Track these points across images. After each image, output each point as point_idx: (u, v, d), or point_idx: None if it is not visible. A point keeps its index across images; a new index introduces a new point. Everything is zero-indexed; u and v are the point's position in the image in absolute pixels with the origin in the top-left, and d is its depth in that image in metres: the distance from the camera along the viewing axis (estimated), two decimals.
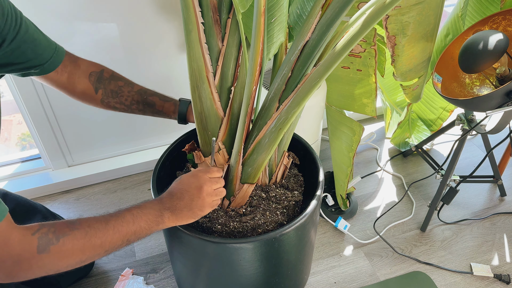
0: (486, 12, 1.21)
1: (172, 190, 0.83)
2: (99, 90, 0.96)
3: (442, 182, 1.38)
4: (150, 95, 1.00)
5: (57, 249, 0.67)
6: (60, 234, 0.67)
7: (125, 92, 0.97)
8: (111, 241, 0.73)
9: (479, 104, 1.11)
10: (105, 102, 0.98)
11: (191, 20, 0.83)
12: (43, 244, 0.65)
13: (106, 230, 0.72)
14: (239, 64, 0.92)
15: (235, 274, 0.97)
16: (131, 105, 0.99)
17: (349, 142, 1.26)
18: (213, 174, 0.85)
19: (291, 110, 0.83)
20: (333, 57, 0.74)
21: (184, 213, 0.81)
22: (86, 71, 0.95)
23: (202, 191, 0.81)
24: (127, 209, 0.78)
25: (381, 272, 1.30)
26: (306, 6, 0.93)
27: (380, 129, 1.91)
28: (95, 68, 0.97)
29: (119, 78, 0.99)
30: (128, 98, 0.98)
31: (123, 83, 0.98)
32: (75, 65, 0.93)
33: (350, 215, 1.48)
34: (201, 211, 0.82)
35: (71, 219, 0.72)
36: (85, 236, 0.70)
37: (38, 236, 0.65)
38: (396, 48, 1.06)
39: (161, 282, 1.28)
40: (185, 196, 0.81)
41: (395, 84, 1.61)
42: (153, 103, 1.00)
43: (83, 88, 0.95)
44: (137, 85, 1.01)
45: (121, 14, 1.31)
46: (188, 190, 0.81)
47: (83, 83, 0.95)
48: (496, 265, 1.32)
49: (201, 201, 0.82)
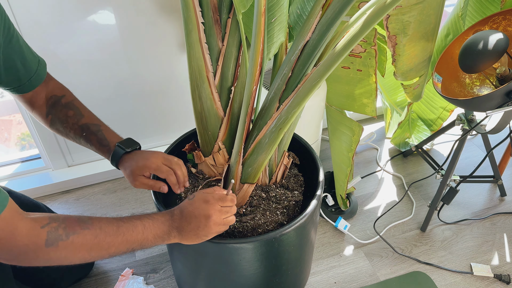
0: (486, 12, 1.21)
1: (183, 209, 0.82)
2: (50, 115, 0.95)
3: (442, 182, 1.37)
4: (91, 133, 0.95)
5: (65, 245, 0.67)
6: (71, 232, 0.67)
7: (69, 123, 0.95)
8: (117, 247, 0.73)
9: (479, 104, 1.11)
10: (54, 127, 0.96)
11: (191, 20, 0.83)
12: (51, 239, 0.65)
13: (116, 236, 0.72)
14: (239, 64, 0.92)
15: (235, 274, 0.97)
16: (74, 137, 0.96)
17: (349, 142, 1.26)
18: (226, 203, 0.83)
19: (291, 110, 0.83)
20: (333, 57, 0.74)
21: (190, 236, 0.81)
22: (49, 93, 0.95)
23: (210, 221, 0.80)
24: (140, 218, 0.78)
25: (381, 272, 1.30)
26: (307, 6, 0.93)
27: (380, 129, 1.91)
28: (58, 92, 0.96)
29: (71, 108, 0.96)
30: (71, 130, 0.95)
31: (73, 113, 0.95)
32: (45, 86, 0.94)
33: (350, 215, 1.48)
34: (206, 237, 0.82)
35: (82, 217, 0.72)
36: (95, 238, 0.70)
37: (48, 230, 0.65)
38: (397, 48, 1.06)
39: (161, 282, 1.28)
40: (192, 221, 0.80)
41: (395, 84, 1.61)
42: (90, 141, 0.96)
43: (39, 109, 0.94)
44: (87, 118, 0.96)
45: (121, 14, 1.31)
46: (197, 216, 0.80)
47: (41, 104, 0.94)
48: (496, 265, 1.32)
49: (207, 230, 0.81)
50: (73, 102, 0.97)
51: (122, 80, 1.45)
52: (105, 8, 1.29)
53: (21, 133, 1.99)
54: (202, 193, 0.83)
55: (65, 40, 1.30)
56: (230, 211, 0.84)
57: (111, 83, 1.45)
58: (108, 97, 1.47)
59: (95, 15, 1.29)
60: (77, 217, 0.71)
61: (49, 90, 0.95)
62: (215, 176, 1.04)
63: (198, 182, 1.04)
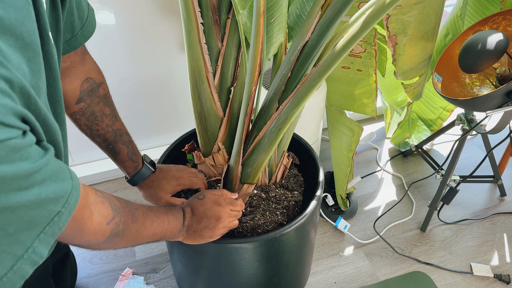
0: (486, 12, 1.21)
1: (194, 209, 0.81)
2: (82, 103, 0.79)
3: (442, 182, 1.37)
4: (123, 143, 0.88)
5: (117, 240, 0.66)
6: (126, 227, 0.66)
7: (103, 124, 0.83)
8: (145, 240, 0.73)
9: (479, 104, 1.11)
10: (77, 117, 0.81)
11: (191, 20, 0.82)
12: (112, 235, 0.63)
13: (149, 230, 0.72)
14: (239, 64, 0.92)
15: (235, 274, 0.97)
16: (97, 138, 0.85)
17: (348, 142, 1.26)
18: (236, 208, 0.85)
19: (290, 110, 0.83)
20: (333, 57, 0.74)
21: (195, 236, 0.81)
22: (86, 72, 0.79)
23: (219, 223, 0.81)
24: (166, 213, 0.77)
25: (381, 272, 1.30)
26: (306, 6, 0.93)
27: (380, 129, 1.91)
28: (95, 75, 0.81)
29: (109, 104, 0.84)
30: (101, 131, 0.84)
31: (109, 113, 0.84)
32: (82, 59, 0.77)
33: (350, 215, 1.48)
34: (210, 238, 0.83)
35: (131, 206, 0.70)
36: (137, 232, 0.69)
37: (112, 227, 0.63)
38: (397, 47, 1.06)
39: (161, 282, 1.28)
40: (202, 221, 0.80)
41: (395, 84, 1.61)
42: (119, 152, 0.88)
43: (67, 89, 0.77)
44: (119, 122, 0.87)
45: (121, 14, 1.31)
46: (207, 217, 0.80)
47: (73, 84, 0.77)
48: (496, 265, 1.32)
49: (214, 231, 0.81)
50: (109, 96, 0.84)
51: (122, 80, 1.45)
52: (105, 8, 1.29)
53: None
54: (212, 194, 0.84)
55: None
56: (237, 215, 0.86)
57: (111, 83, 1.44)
58: None
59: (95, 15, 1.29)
60: (128, 206, 0.69)
61: (86, 67, 0.78)
62: (215, 176, 1.04)
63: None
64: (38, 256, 0.44)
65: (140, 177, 0.91)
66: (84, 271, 1.32)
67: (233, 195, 0.88)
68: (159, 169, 0.94)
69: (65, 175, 0.47)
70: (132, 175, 0.91)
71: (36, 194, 0.41)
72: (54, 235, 0.46)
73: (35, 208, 0.42)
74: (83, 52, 0.77)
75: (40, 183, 0.41)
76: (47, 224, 0.44)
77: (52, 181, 0.43)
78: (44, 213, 0.43)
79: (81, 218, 0.55)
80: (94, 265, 1.34)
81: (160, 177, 0.93)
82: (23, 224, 0.41)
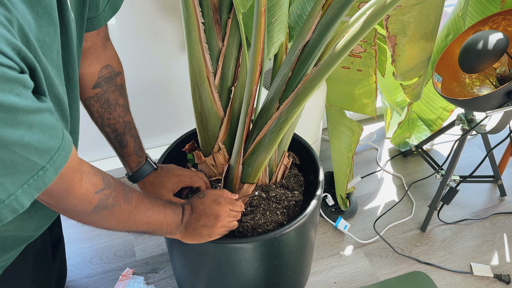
0: (486, 12, 1.21)
1: (193, 206, 0.82)
2: (98, 88, 0.80)
3: (442, 182, 1.37)
4: (132, 136, 0.88)
5: (106, 213, 0.65)
6: (116, 202, 0.65)
7: (115, 113, 0.84)
8: (138, 227, 0.72)
9: (479, 104, 1.11)
10: (88, 102, 0.81)
11: (192, 20, 0.83)
12: (100, 206, 0.62)
13: (143, 217, 0.71)
14: (240, 64, 0.92)
15: (235, 274, 0.97)
16: (107, 127, 0.85)
17: (348, 142, 1.26)
18: (236, 208, 0.84)
19: (291, 110, 0.83)
20: (333, 57, 0.74)
21: (193, 235, 0.81)
22: (107, 59, 0.79)
23: (218, 222, 0.81)
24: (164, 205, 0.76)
25: (381, 272, 1.30)
26: (307, 6, 0.93)
27: (380, 129, 1.91)
28: (115, 64, 0.81)
29: (123, 95, 0.85)
30: (112, 120, 0.84)
31: (123, 103, 0.85)
32: (104, 43, 0.78)
33: (350, 215, 1.48)
34: (209, 237, 0.83)
35: (126, 186, 0.69)
36: (129, 213, 0.68)
37: (100, 197, 0.62)
38: (396, 48, 1.06)
39: (161, 282, 1.28)
40: (201, 219, 0.80)
41: (395, 84, 1.61)
42: (126, 144, 0.88)
43: (86, 72, 0.77)
44: (130, 115, 0.88)
45: (121, 14, 1.31)
46: (206, 215, 0.80)
47: (93, 67, 0.78)
48: (496, 265, 1.32)
49: (212, 230, 0.81)
50: (125, 87, 0.85)
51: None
52: None
53: None
54: (212, 193, 0.84)
55: None
56: (237, 216, 0.85)
57: None
58: None
59: None
60: (122, 186, 0.68)
61: (107, 53, 0.80)
62: (215, 176, 1.04)
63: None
64: (19, 205, 0.45)
65: (142, 173, 0.91)
66: (84, 271, 1.32)
67: (234, 196, 0.88)
68: (160, 167, 0.95)
69: (56, 133, 0.47)
70: (134, 171, 0.91)
71: (19, 135, 0.41)
72: (39, 189, 0.47)
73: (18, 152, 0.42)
74: (106, 37, 0.78)
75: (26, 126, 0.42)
76: (31, 176, 0.45)
77: (40, 131, 0.44)
78: (27, 162, 0.44)
79: (69, 178, 0.55)
80: (94, 265, 1.34)
81: (162, 175, 0.93)
82: (6, 168, 0.43)
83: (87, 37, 0.74)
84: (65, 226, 1.46)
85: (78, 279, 1.30)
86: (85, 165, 0.61)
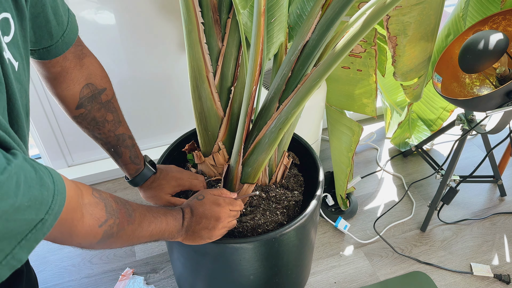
0: (486, 12, 1.21)
1: (193, 209, 0.81)
2: (82, 108, 0.78)
3: (442, 182, 1.37)
4: (126, 146, 0.87)
5: (112, 241, 0.64)
6: (121, 228, 0.65)
7: (105, 129, 0.82)
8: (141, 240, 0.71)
9: (479, 104, 1.11)
10: (78, 120, 0.80)
11: (191, 20, 0.83)
12: (105, 237, 0.62)
13: (146, 231, 0.71)
14: (239, 64, 0.92)
15: (235, 274, 0.97)
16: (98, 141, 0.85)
17: (348, 142, 1.26)
18: (235, 207, 0.84)
19: (291, 110, 0.83)
20: (333, 57, 0.74)
21: (194, 237, 0.81)
22: (84, 78, 0.76)
23: (218, 224, 0.80)
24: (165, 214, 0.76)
25: (381, 272, 1.30)
26: (306, 6, 0.93)
27: (380, 129, 1.91)
28: (98, 82, 0.78)
29: (112, 110, 0.82)
30: (102, 135, 0.83)
31: (112, 118, 0.82)
32: (77, 63, 0.74)
33: (350, 215, 1.48)
34: (209, 239, 0.82)
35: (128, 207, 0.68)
36: (133, 233, 0.68)
37: (105, 229, 0.61)
38: (397, 49, 1.06)
39: (161, 282, 1.28)
40: (202, 222, 0.80)
41: (395, 84, 1.61)
42: (121, 154, 0.87)
43: (66, 94, 0.75)
44: (123, 127, 0.86)
45: (121, 14, 1.31)
46: (207, 217, 0.80)
47: (71, 89, 0.75)
48: (496, 265, 1.32)
49: (213, 232, 0.81)
50: (113, 101, 0.83)
51: (122, 80, 1.45)
52: (105, 8, 1.29)
53: None
54: (211, 195, 0.84)
55: None
56: (236, 215, 0.85)
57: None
58: None
59: (95, 15, 1.29)
60: (125, 208, 0.67)
61: (85, 72, 0.76)
62: (215, 176, 1.04)
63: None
64: (17, 261, 0.43)
65: (141, 178, 0.91)
66: (84, 271, 1.32)
67: (232, 195, 0.88)
68: (160, 170, 0.94)
69: (43, 180, 0.44)
70: (133, 177, 0.91)
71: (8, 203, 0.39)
72: (37, 240, 0.44)
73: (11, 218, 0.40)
74: (78, 56, 0.74)
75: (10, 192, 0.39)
76: (30, 231, 0.43)
77: (28, 188, 0.41)
78: (23, 222, 0.42)
79: (70, 221, 0.53)
80: (94, 265, 1.34)
81: (160, 178, 0.93)
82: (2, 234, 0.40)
83: (53, 63, 0.71)
84: None
85: (78, 279, 1.30)
86: (86, 195, 0.58)
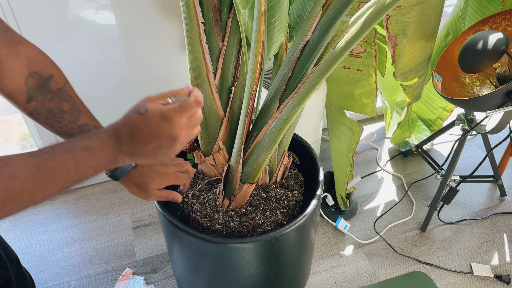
0: (486, 12, 1.21)
1: (133, 129, 0.60)
2: (33, 101, 0.70)
3: (442, 182, 1.38)
4: None
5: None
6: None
7: (65, 121, 0.72)
8: (43, 193, 0.55)
9: (479, 104, 1.11)
10: (34, 116, 0.72)
11: (192, 19, 0.83)
12: None
13: (38, 181, 0.53)
14: (240, 64, 0.92)
15: (235, 274, 0.97)
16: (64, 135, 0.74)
17: (348, 142, 1.26)
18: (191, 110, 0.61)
19: (291, 110, 0.83)
20: (333, 57, 0.74)
21: (146, 158, 0.63)
22: (26, 67, 0.68)
23: (176, 142, 0.61)
24: (70, 151, 0.56)
25: (381, 272, 1.30)
26: (307, 6, 0.93)
27: (380, 129, 1.91)
28: (42, 69, 0.70)
29: (66, 99, 0.73)
30: (64, 128, 0.73)
31: (69, 108, 0.72)
32: (11, 50, 0.66)
33: (350, 215, 1.48)
34: (167, 157, 0.64)
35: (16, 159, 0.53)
36: (7, 190, 0.51)
37: None
38: (397, 49, 1.06)
39: (161, 282, 1.28)
40: (151, 142, 0.60)
41: (395, 84, 1.61)
42: None
43: (12, 88, 0.68)
44: (86, 116, 0.75)
45: (121, 14, 1.31)
46: (157, 137, 0.60)
47: (14, 81, 0.67)
48: (496, 265, 1.32)
49: (172, 151, 0.62)
50: (66, 88, 0.74)
51: (122, 80, 1.45)
52: (105, 8, 1.29)
53: (22, 133, 1.99)
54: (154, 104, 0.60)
55: (65, 40, 1.30)
56: (198, 119, 0.63)
57: (111, 83, 1.45)
58: (107, 97, 1.47)
59: (95, 15, 1.29)
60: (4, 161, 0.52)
61: (24, 60, 0.68)
62: (215, 176, 1.04)
63: (198, 182, 1.04)
64: None
65: (121, 172, 0.79)
66: (84, 271, 1.32)
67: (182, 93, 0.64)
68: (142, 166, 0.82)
69: None
70: (111, 171, 0.79)
71: None
72: None
73: None
74: (10, 43, 0.66)
75: None
76: None
77: None
78: None
79: None
80: (94, 265, 1.34)
81: (144, 174, 0.83)
82: None
83: None
84: (65, 226, 1.46)
85: (78, 279, 1.30)
86: None
